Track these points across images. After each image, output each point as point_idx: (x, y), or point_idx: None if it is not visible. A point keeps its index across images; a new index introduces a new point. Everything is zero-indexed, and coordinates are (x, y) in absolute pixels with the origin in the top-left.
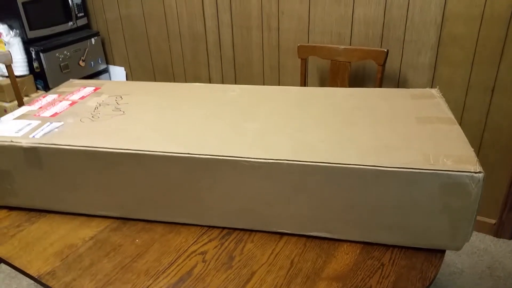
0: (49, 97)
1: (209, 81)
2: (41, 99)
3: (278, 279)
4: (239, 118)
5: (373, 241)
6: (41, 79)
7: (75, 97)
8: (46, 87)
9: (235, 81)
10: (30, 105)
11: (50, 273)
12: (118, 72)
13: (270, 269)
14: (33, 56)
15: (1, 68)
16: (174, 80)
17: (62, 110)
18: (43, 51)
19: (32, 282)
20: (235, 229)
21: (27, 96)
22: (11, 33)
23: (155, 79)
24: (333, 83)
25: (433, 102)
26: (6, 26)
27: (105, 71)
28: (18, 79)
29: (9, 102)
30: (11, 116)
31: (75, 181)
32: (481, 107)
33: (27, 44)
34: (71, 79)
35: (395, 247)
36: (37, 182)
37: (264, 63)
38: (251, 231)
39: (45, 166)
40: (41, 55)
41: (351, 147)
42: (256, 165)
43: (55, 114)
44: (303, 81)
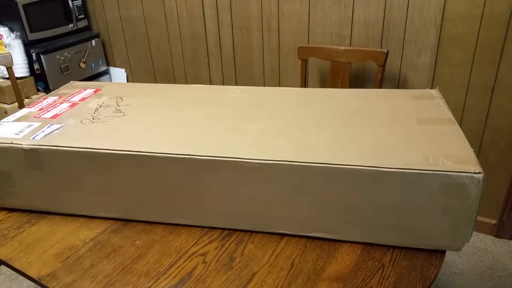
0: (50, 99)
1: (210, 82)
2: (41, 101)
3: (278, 280)
4: (240, 119)
5: (374, 242)
6: (41, 81)
7: (76, 98)
8: (46, 89)
9: (236, 82)
10: (30, 107)
11: (50, 274)
12: (118, 73)
13: (270, 270)
14: (34, 58)
15: (1, 70)
16: (174, 81)
17: (62, 111)
18: (44, 53)
19: (32, 284)
20: (235, 230)
21: (27, 98)
22: (12, 35)
23: (155, 80)
24: (334, 84)
25: (433, 102)
26: (6, 28)
27: (106, 72)
28: (18, 81)
29: (10, 103)
30: (11, 117)
31: (75, 182)
32: (481, 107)
33: (28, 46)
34: (72, 81)
35: (395, 248)
36: (37, 183)
37: (264, 64)
38: (252, 232)
39: (46, 167)
40: (42, 57)
41: (351, 148)
42: (256, 166)
43: (56, 115)
44: (304, 82)
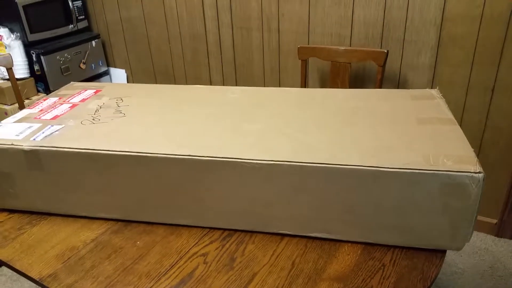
0: (50, 100)
1: (210, 82)
2: (41, 102)
3: (279, 280)
4: (240, 119)
5: (374, 242)
6: (42, 81)
7: (76, 99)
8: (46, 90)
9: (236, 82)
10: (31, 108)
11: (51, 275)
12: (118, 74)
13: (271, 270)
14: (34, 59)
15: (2, 71)
16: (174, 81)
17: (62, 112)
18: (44, 54)
19: (33, 285)
20: (236, 230)
21: (28, 99)
22: (12, 36)
23: (155, 81)
24: (334, 84)
25: (433, 102)
26: (6, 29)
27: (106, 73)
28: (19, 82)
29: (10, 105)
30: (11, 119)
31: (76, 183)
32: (481, 107)
33: (28, 47)
34: (72, 82)
35: (396, 248)
36: (38, 184)
37: (264, 65)
38: (252, 232)
39: (46, 168)
40: (42, 57)
41: (351, 148)
42: (256, 166)
43: (56, 116)
44: (304, 83)
